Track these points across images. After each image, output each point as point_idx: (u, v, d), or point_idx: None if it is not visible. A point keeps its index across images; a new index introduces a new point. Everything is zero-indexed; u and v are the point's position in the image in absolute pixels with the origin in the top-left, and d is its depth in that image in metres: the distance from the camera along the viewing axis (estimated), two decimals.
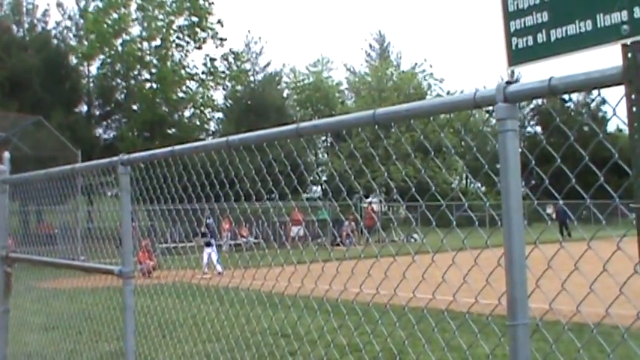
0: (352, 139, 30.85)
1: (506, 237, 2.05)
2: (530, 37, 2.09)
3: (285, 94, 62.02)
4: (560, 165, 2.22)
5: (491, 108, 2.15)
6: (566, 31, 2.00)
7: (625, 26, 1.90)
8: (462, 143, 48.32)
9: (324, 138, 60.46)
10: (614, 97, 1.99)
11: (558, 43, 2.02)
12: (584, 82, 1.96)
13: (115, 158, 4.18)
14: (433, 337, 3.22)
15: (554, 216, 35.31)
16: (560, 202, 2.28)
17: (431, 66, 69.18)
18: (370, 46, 67.83)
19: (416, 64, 63.02)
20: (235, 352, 5.90)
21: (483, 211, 31.07)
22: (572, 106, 56.18)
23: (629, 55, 1.88)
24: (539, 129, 63.00)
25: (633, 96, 1.87)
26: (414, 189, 2.79)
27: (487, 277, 2.33)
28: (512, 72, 2.18)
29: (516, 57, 2.12)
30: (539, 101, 60.49)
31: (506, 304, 2.03)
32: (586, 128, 46.21)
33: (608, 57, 1.98)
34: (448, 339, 3.11)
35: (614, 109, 1.98)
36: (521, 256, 2.03)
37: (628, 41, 1.88)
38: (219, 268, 19.47)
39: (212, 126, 53.05)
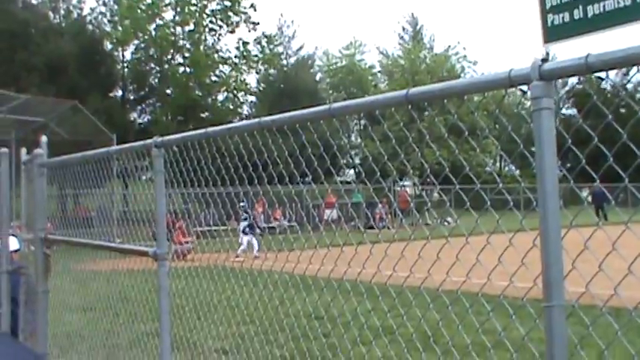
0: (386, 121, 30.74)
1: (541, 216, 2.01)
2: (566, 14, 2.03)
3: (317, 78, 61.99)
4: (597, 144, 2.17)
5: (526, 88, 2.11)
6: (604, 6, 1.95)
7: None
8: (496, 126, 47.88)
9: (357, 121, 60.38)
10: None
11: (595, 18, 1.97)
12: (622, 58, 1.90)
13: (149, 141, 4.21)
14: (467, 320, 3.21)
15: (589, 199, 34.81)
16: (597, 182, 2.24)
17: (464, 48, 68.52)
18: (403, 28, 67.23)
19: (449, 46, 62.49)
20: (269, 334, 5.94)
21: (517, 194, 30.81)
22: (608, 87, 55.19)
23: None
24: (574, 111, 62.14)
25: None
26: (447, 170, 2.77)
27: (522, 258, 2.31)
28: (547, 53, 2.13)
29: (552, 34, 2.08)
30: (575, 83, 59.75)
31: (541, 285, 2.01)
32: (623, 110, 45.41)
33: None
34: (482, 321, 3.09)
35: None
36: (557, 236, 2.00)
37: None
38: (255, 251, 19.61)
39: (245, 110, 53.26)
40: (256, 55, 49.66)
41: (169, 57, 47.68)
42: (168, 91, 47.64)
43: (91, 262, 6.85)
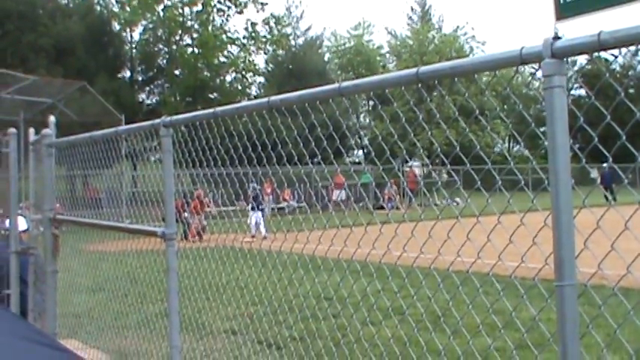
0: (396, 101, 30.67)
1: (553, 195, 2.00)
2: None
3: (326, 58, 61.88)
4: (607, 124, 2.15)
5: (536, 67, 2.09)
6: None
7: None
8: (505, 106, 47.71)
9: (365, 102, 60.27)
10: None
11: None
12: (636, 35, 1.86)
13: (157, 120, 4.20)
14: (477, 300, 3.19)
15: (599, 180, 34.62)
16: (610, 162, 2.22)
17: (473, 29, 68.16)
18: (412, 9, 66.95)
19: (458, 26, 62.20)
20: (278, 315, 5.95)
21: (526, 175, 30.72)
22: (617, 68, 54.91)
23: None
24: (583, 92, 61.81)
25: None
26: (457, 150, 2.74)
27: (534, 237, 2.29)
28: (557, 33, 2.09)
29: (564, 10, 2.03)
30: (585, 63, 59.37)
31: (553, 265, 2.00)
32: (631, 90, 45.17)
33: None
34: (493, 302, 3.08)
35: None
36: (569, 214, 1.98)
37: None
38: (263, 231, 19.70)
39: (254, 90, 53.24)
40: (264, 36, 49.54)
41: (177, 38, 47.64)
42: (176, 72, 47.67)
43: (99, 243, 6.87)
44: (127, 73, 49.16)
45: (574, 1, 2.00)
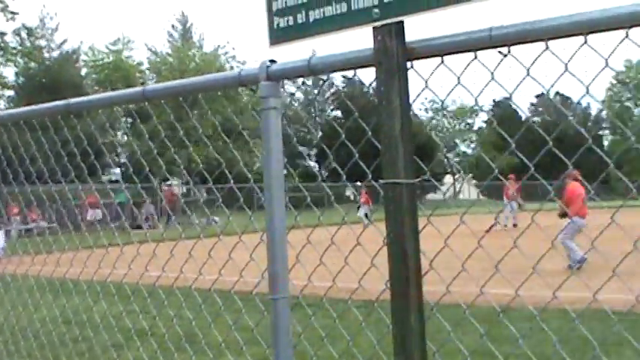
0: (157, 118, 30.21)
1: (267, 214, 2.10)
2: (290, 17, 2.17)
3: (83, 73, 59.46)
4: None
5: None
6: (324, 12, 2.10)
7: (376, 10, 2.01)
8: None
9: (124, 119, 58.75)
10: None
11: (317, 23, 2.11)
12: (342, 62, 2.09)
13: None
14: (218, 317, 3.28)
15: (359, 198, 36.49)
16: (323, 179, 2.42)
17: (233, 48, 69.03)
18: (173, 26, 66.55)
19: (219, 45, 62.86)
20: (20, 343, 5.60)
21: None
22: (370, 91, 58.64)
23: (379, 37, 1.99)
24: (339, 113, 65.03)
25: (383, 76, 1.97)
26: (219, 167, 2.84)
27: (251, 253, 2.43)
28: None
29: (277, 36, 2.21)
30: (343, 86, 62.56)
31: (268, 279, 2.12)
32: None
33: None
34: (234, 319, 3.17)
35: (371, 87, 2.10)
36: (282, 231, 2.10)
37: (379, 24, 1.99)
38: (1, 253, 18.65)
39: (2, 104, 49.83)
40: (15, 48, 46.66)
41: None
42: None
43: None
44: None
45: (285, 29, 2.19)
